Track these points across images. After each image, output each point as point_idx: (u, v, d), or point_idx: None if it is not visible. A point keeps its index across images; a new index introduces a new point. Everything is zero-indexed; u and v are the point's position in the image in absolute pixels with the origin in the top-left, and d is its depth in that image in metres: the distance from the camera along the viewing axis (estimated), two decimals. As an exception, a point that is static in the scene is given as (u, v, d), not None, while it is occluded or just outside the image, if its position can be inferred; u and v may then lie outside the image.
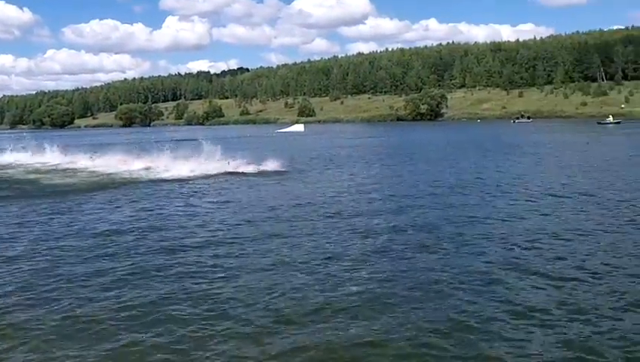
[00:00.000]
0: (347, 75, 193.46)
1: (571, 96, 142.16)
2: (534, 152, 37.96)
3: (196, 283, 9.96)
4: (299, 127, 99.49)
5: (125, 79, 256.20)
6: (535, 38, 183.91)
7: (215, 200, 19.59)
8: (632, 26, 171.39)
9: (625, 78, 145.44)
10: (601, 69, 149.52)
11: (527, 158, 33.48)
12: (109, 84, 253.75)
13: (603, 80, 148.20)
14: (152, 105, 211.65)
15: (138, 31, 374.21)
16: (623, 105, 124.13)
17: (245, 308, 8.76)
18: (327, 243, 12.72)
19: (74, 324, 8.31)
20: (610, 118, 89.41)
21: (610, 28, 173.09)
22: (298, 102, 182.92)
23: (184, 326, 8.14)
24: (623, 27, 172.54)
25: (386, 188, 22.10)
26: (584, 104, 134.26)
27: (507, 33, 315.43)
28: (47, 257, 11.99)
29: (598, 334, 7.57)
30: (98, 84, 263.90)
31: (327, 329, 7.91)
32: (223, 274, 10.49)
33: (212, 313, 8.64)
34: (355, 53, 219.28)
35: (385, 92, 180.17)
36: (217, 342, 7.67)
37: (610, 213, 15.44)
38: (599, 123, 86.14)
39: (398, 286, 9.61)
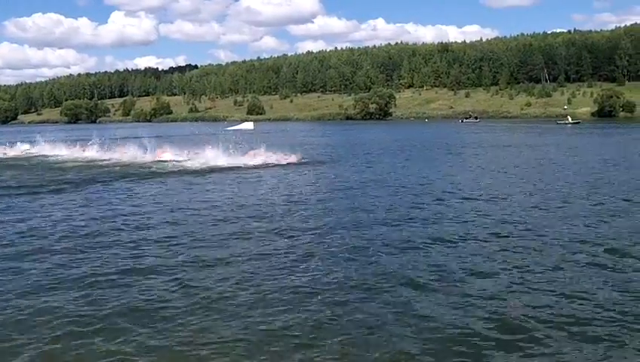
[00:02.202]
0: (297, 73, 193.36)
1: (516, 97, 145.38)
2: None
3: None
4: (248, 125, 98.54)
5: (71, 75, 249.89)
6: (481, 39, 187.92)
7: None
8: (575, 29, 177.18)
9: (567, 79, 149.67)
10: (545, 71, 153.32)
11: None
12: (53, 79, 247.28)
13: (547, 81, 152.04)
14: (99, 102, 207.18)
15: (83, 26, 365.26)
16: (565, 107, 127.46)
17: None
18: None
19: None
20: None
21: (554, 30, 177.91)
22: (247, 100, 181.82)
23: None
24: (565, 30, 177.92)
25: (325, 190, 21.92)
26: (528, 105, 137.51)
27: (454, 34, 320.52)
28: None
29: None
30: (42, 79, 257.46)
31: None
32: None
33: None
34: (304, 52, 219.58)
35: (334, 91, 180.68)
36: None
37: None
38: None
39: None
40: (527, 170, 26.57)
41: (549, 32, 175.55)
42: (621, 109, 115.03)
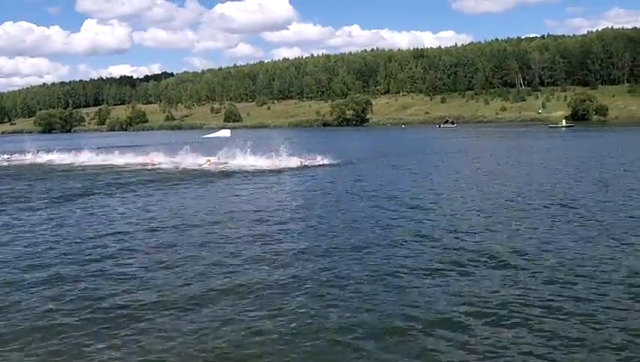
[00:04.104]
0: (273, 80, 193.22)
1: (491, 101, 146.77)
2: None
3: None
4: (225, 133, 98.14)
5: (44, 84, 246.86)
6: (456, 44, 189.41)
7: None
8: (548, 34, 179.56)
9: (542, 84, 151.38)
10: (519, 76, 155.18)
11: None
12: (27, 88, 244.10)
13: (521, 86, 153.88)
14: (73, 111, 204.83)
15: (55, 34, 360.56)
16: (540, 111, 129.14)
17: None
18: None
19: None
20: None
21: (528, 36, 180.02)
22: (224, 107, 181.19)
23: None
24: (539, 35, 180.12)
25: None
26: (503, 109, 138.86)
27: (429, 40, 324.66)
28: None
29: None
30: (14, 88, 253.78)
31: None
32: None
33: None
34: (280, 59, 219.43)
35: (311, 97, 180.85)
36: None
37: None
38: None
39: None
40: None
41: (522, 38, 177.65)
42: (594, 113, 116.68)
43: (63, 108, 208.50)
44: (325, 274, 10.69)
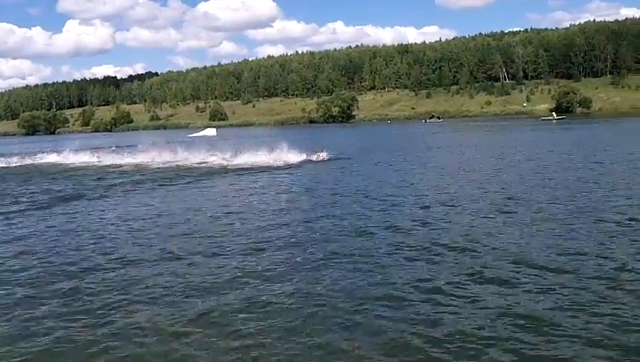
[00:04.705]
0: (258, 78, 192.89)
1: (476, 96, 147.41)
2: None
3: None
4: (211, 132, 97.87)
5: (27, 85, 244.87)
6: (440, 39, 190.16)
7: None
8: (531, 28, 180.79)
9: (525, 77, 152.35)
10: (503, 70, 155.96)
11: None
12: (10, 90, 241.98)
13: (505, 80, 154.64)
14: (57, 112, 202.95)
15: (37, 35, 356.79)
16: (525, 104, 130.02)
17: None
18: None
19: None
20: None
21: (511, 30, 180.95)
22: (209, 106, 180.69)
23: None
24: (522, 29, 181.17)
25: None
26: (488, 103, 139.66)
27: (413, 35, 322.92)
28: None
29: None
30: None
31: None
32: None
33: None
34: (265, 56, 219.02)
35: (297, 95, 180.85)
36: None
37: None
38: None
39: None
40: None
41: (506, 32, 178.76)
42: (578, 105, 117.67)
43: (47, 109, 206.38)
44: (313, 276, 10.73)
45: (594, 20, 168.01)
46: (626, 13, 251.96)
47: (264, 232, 14.08)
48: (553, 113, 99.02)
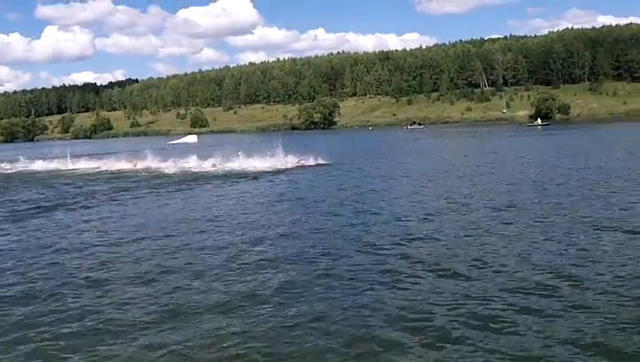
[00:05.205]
0: (240, 84, 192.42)
1: (457, 102, 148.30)
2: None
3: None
4: (192, 138, 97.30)
5: (5, 92, 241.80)
6: (421, 46, 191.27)
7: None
8: (510, 35, 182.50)
9: (505, 84, 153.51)
10: (484, 76, 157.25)
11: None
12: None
13: (485, 86, 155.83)
14: (36, 119, 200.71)
15: (15, 41, 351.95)
16: (504, 110, 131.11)
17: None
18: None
19: None
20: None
21: (491, 37, 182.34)
22: (190, 112, 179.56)
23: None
24: (502, 36, 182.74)
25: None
26: (469, 109, 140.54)
27: (393, 42, 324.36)
28: None
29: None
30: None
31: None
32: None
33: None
34: (246, 63, 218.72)
35: (278, 101, 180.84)
36: None
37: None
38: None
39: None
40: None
41: (486, 38, 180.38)
42: (557, 111, 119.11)
43: (26, 116, 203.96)
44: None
45: (572, 28, 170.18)
46: (603, 20, 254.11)
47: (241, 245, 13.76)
48: (538, 119, 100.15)
